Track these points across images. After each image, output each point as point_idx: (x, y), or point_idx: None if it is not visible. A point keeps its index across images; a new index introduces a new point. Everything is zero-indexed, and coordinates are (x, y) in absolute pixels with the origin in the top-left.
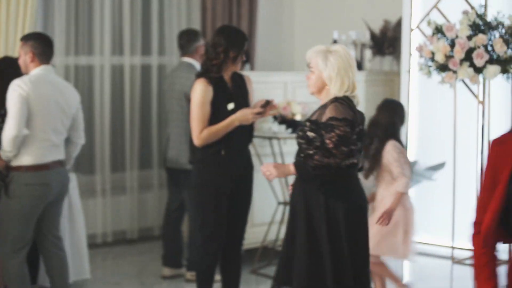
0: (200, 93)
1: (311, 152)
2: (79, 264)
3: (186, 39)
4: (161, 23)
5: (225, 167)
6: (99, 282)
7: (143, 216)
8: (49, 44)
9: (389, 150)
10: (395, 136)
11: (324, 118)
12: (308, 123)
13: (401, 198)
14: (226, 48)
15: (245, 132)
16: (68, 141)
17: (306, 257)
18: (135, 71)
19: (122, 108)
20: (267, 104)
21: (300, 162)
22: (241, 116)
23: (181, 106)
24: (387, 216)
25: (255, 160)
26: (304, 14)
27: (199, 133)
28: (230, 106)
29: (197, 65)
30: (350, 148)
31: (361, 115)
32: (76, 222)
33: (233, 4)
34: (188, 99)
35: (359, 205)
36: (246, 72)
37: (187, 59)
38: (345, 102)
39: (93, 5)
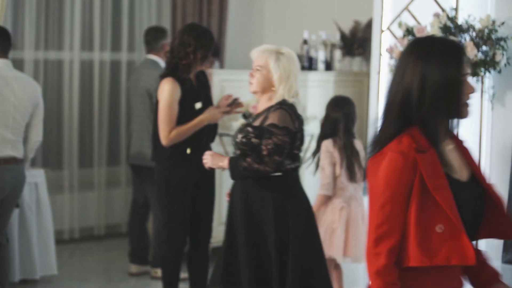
0: (168, 93)
1: (248, 153)
2: (46, 260)
3: (153, 36)
4: (131, 19)
5: (190, 165)
6: (66, 278)
7: (111, 212)
8: (6, 37)
9: (322, 150)
10: (333, 134)
11: (266, 123)
12: (251, 129)
13: (324, 200)
14: (195, 49)
15: (210, 130)
16: (24, 138)
17: (250, 259)
18: (105, 67)
19: (91, 104)
20: (233, 102)
21: (235, 159)
22: (209, 116)
23: (144, 103)
24: None
25: None
26: (274, 13)
27: (168, 134)
28: (198, 105)
29: (162, 63)
30: (283, 159)
31: (301, 120)
32: (44, 218)
33: (203, 2)
34: (150, 97)
35: (305, 207)
36: (216, 70)
37: (152, 57)
38: (290, 111)
39: (63, 0)
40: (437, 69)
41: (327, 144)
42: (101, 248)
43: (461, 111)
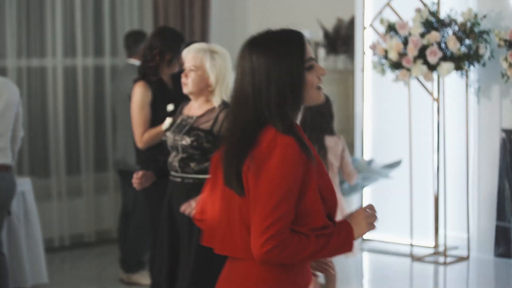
0: (139, 96)
1: (196, 156)
2: (36, 268)
3: (133, 40)
4: (113, 23)
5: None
6: (58, 286)
7: (100, 218)
8: None
9: None
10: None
11: (217, 127)
12: (202, 133)
13: None
14: (161, 51)
15: None
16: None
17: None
18: (88, 73)
19: (76, 110)
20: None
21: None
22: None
23: (126, 108)
24: None
25: None
26: (257, 13)
27: (141, 136)
28: (170, 107)
29: None
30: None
31: None
32: (32, 227)
33: (185, 4)
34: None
35: None
36: None
37: (132, 61)
38: None
39: (44, 6)
40: (280, 62)
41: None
42: (92, 254)
43: (314, 97)
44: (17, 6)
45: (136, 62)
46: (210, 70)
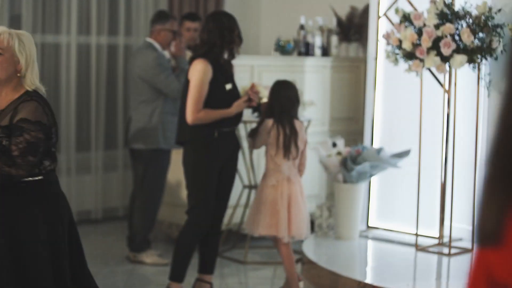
0: (201, 73)
1: None
2: None
3: (152, 20)
4: (128, 3)
5: (217, 148)
6: None
7: (108, 196)
8: None
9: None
10: (272, 115)
11: (16, 118)
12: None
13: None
14: (238, 32)
15: (236, 115)
16: None
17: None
18: (102, 51)
19: (88, 88)
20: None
21: None
22: (236, 107)
23: (137, 87)
24: None
25: None
26: None
27: (196, 112)
28: (228, 86)
29: (158, 46)
30: (39, 159)
31: (53, 113)
32: None
33: None
34: (143, 81)
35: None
36: None
37: (148, 39)
38: (43, 103)
39: None
40: None
41: (267, 123)
42: (98, 231)
43: None
44: None
45: (150, 40)
46: (20, 53)
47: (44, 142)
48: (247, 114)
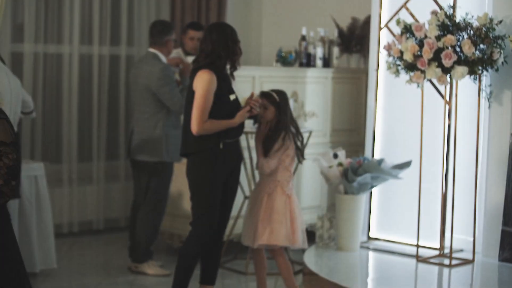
0: (207, 84)
1: None
2: (45, 253)
3: (159, 30)
4: (131, 13)
5: (222, 159)
6: (65, 272)
7: (109, 206)
8: None
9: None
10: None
11: None
12: None
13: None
14: (234, 42)
15: (239, 126)
16: None
17: None
18: (104, 61)
19: (90, 98)
20: (250, 97)
21: None
22: (240, 117)
23: (143, 98)
24: None
25: None
26: (272, 9)
27: (202, 122)
28: (232, 96)
29: (163, 58)
30: (18, 180)
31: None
32: (43, 211)
33: None
34: (151, 93)
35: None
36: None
37: (153, 50)
38: (7, 119)
39: None
40: None
41: (284, 140)
42: (100, 242)
43: None
44: None
45: (157, 52)
46: None
47: (19, 162)
48: (249, 125)
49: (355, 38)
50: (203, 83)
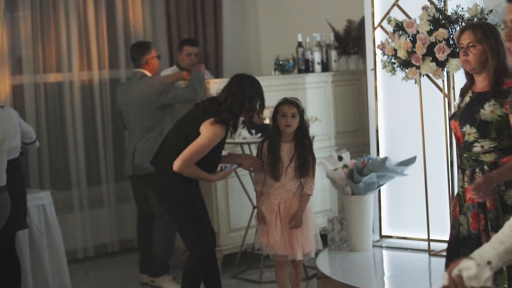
0: (215, 136)
1: None
2: (60, 280)
3: (137, 53)
4: (127, 35)
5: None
6: None
7: (122, 227)
8: None
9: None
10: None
11: None
12: None
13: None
14: (259, 101)
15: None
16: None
17: None
18: (104, 85)
19: (94, 122)
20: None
21: None
22: (219, 177)
23: (140, 115)
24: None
25: None
26: (268, 19)
27: (187, 166)
28: (224, 153)
29: (149, 75)
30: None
31: None
32: (53, 239)
33: (197, 14)
34: (149, 108)
35: None
36: (212, 80)
37: (140, 70)
38: None
39: (59, 22)
40: None
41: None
42: (115, 264)
43: None
44: (31, 22)
45: (144, 71)
46: None
47: None
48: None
49: (351, 40)
50: (210, 134)
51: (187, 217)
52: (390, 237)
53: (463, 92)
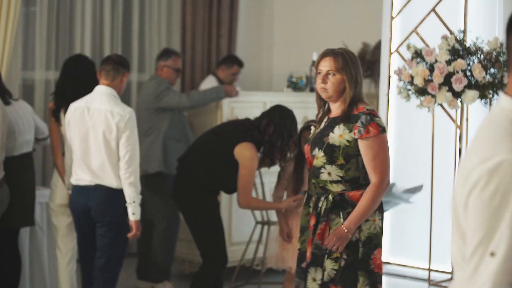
0: (254, 162)
1: None
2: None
3: (158, 56)
4: (142, 41)
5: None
6: None
7: None
8: None
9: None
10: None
11: None
12: None
13: None
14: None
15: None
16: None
17: None
18: None
19: None
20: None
21: None
22: (287, 204)
23: (139, 116)
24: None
25: None
26: (283, 35)
27: (249, 200)
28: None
29: (159, 79)
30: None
31: None
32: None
33: (212, 24)
34: (148, 111)
35: None
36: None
37: (154, 74)
38: None
39: (74, 21)
40: None
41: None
42: None
43: None
44: (47, 19)
45: (155, 75)
46: None
47: None
48: None
49: (365, 63)
50: (251, 162)
51: (212, 227)
52: (390, 263)
53: (320, 119)
